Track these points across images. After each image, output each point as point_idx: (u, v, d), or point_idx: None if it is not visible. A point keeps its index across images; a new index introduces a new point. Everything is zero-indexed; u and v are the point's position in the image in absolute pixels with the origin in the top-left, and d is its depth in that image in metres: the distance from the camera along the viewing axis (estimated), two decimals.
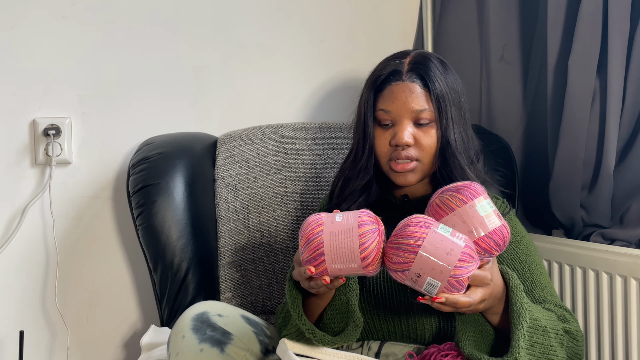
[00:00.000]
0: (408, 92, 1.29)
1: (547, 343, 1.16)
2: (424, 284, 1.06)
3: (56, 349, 1.76)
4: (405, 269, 1.06)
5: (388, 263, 1.09)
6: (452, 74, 1.35)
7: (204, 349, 1.16)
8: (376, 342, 1.32)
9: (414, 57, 1.33)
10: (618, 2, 1.45)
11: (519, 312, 1.12)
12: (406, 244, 1.07)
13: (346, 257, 1.08)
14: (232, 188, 1.63)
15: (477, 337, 1.14)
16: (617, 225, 1.55)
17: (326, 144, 1.70)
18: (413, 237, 1.07)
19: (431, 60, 1.33)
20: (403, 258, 1.07)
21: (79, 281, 1.77)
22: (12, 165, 1.73)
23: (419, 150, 1.30)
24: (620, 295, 1.45)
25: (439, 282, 1.05)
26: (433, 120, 1.29)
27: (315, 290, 1.14)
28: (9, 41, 1.71)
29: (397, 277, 1.09)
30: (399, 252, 1.07)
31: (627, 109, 1.49)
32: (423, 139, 1.29)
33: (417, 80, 1.29)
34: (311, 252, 1.09)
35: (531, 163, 1.77)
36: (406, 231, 1.08)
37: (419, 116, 1.29)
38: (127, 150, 1.78)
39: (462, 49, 1.90)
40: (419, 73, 1.30)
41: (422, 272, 1.05)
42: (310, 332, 1.16)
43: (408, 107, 1.28)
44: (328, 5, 1.94)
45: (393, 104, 1.30)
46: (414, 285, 1.08)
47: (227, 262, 1.59)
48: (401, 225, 1.10)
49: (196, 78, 1.84)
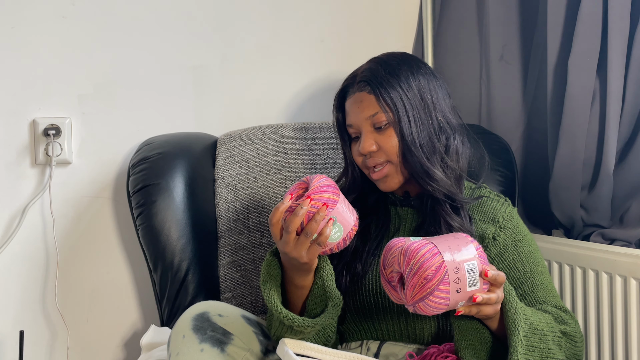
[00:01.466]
0: (358, 101, 1.32)
1: (545, 346, 1.15)
2: (466, 277, 1.05)
3: (56, 349, 1.76)
4: (445, 301, 1.05)
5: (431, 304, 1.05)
6: (409, 68, 1.32)
7: (204, 349, 1.16)
8: (375, 342, 1.33)
9: (364, 67, 1.35)
10: (618, 2, 1.45)
11: (514, 317, 1.12)
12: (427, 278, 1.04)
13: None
14: (232, 188, 1.63)
15: (475, 345, 1.14)
16: (617, 225, 1.55)
17: (326, 144, 1.70)
18: (429, 266, 1.04)
19: (380, 64, 1.33)
20: (439, 298, 1.04)
21: (79, 281, 1.77)
22: (12, 165, 1.73)
23: (384, 154, 1.30)
24: (620, 295, 1.45)
25: (473, 261, 1.05)
26: (389, 121, 1.29)
27: (285, 246, 1.15)
28: (9, 41, 1.71)
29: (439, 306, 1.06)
30: (431, 294, 1.04)
31: (627, 109, 1.49)
32: (384, 142, 1.30)
33: (364, 87, 1.31)
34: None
35: (531, 163, 1.77)
36: (421, 267, 1.04)
37: (374, 121, 1.30)
38: (127, 150, 1.78)
39: (462, 49, 1.90)
40: (364, 80, 1.32)
41: (458, 266, 1.04)
42: (288, 319, 1.17)
43: (362, 116, 1.31)
44: (328, 5, 1.94)
45: (351, 117, 1.33)
46: (460, 294, 1.06)
47: (227, 262, 1.59)
48: (411, 265, 1.06)
49: (196, 78, 1.84)
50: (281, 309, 1.17)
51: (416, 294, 1.04)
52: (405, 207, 1.38)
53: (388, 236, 1.36)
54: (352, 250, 1.33)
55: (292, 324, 1.17)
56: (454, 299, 1.04)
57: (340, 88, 1.38)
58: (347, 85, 1.36)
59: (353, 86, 1.34)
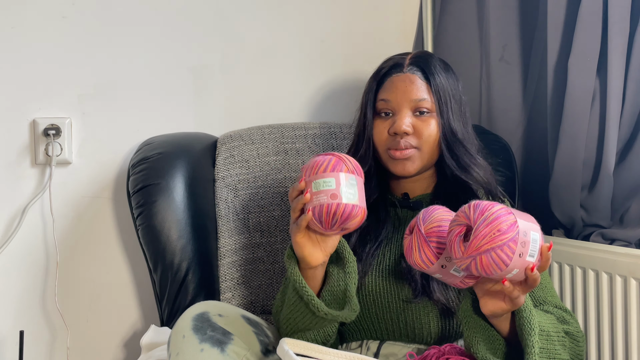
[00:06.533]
0: (408, 82, 1.33)
1: (552, 347, 1.15)
2: (530, 244, 1.02)
3: (56, 349, 1.76)
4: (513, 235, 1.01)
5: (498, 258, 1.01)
6: (453, 74, 1.39)
7: (204, 349, 1.16)
8: (375, 341, 1.33)
9: (417, 53, 1.39)
10: (618, 2, 1.45)
11: (529, 317, 1.10)
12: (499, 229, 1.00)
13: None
14: (232, 188, 1.63)
15: (486, 343, 1.13)
16: (617, 225, 1.55)
17: (326, 144, 1.70)
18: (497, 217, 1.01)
19: (433, 57, 1.38)
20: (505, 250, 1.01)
21: (79, 281, 1.77)
22: (12, 165, 1.73)
23: (417, 139, 1.32)
24: (620, 295, 1.45)
25: (537, 233, 1.03)
26: (433, 111, 1.32)
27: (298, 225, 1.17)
28: (9, 41, 1.71)
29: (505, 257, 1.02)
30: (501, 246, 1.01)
31: (627, 109, 1.49)
32: (422, 128, 1.31)
33: (417, 72, 1.34)
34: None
35: (531, 163, 1.77)
36: (492, 217, 1.01)
37: (419, 105, 1.31)
38: (127, 150, 1.78)
39: (462, 49, 1.90)
40: (419, 66, 1.34)
41: (526, 231, 1.01)
42: (308, 295, 1.18)
43: (407, 96, 1.31)
44: (328, 5, 1.94)
45: (393, 94, 1.33)
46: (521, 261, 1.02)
47: (227, 262, 1.59)
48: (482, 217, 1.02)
49: (196, 78, 1.84)
50: (304, 282, 1.19)
51: (484, 244, 1.00)
52: (404, 208, 1.38)
53: (387, 237, 1.36)
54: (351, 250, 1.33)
55: (310, 300, 1.18)
56: (514, 263, 1.01)
57: (382, 65, 1.38)
58: (394, 63, 1.36)
59: (402, 67, 1.35)
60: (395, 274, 1.31)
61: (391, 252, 1.34)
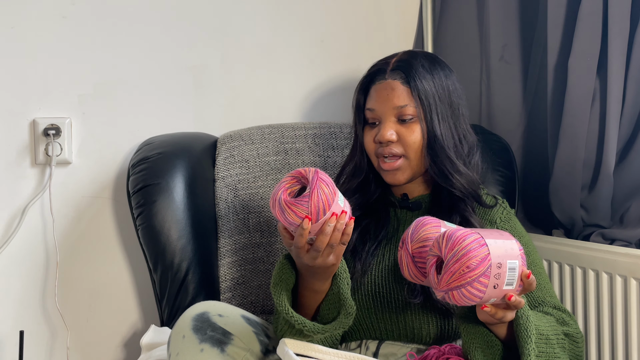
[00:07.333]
0: (389, 89, 1.31)
1: (551, 350, 1.15)
2: (506, 274, 1.01)
3: (56, 349, 1.76)
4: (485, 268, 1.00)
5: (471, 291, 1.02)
6: (442, 70, 1.35)
7: (204, 349, 1.16)
8: (374, 341, 1.32)
9: (400, 56, 1.36)
10: (618, 2, 1.45)
11: (526, 324, 1.10)
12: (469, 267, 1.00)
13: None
14: (232, 188, 1.63)
15: (484, 348, 1.13)
16: (617, 225, 1.55)
17: (326, 144, 1.70)
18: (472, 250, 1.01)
19: (416, 58, 1.34)
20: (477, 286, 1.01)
21: (79, 281, 1.77)
22: (12, 165, 1.73)
23: (402, 147, 1.31)
24: (620, 295, 1.45)
25: (516, 260, 1.02)
26: (416, 116, 1.30)
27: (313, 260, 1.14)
28: (9, 41, 1.71)
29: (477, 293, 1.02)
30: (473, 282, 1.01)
31: (627, 109, 1.49)
32: (406, 135, 1.30)
33: (398, 77, 1.32)
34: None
35: (531, 163, 1.77)
36: (463, 252, 1.01)
37: (401, 112, 1.30)
38: (127, 150, 1.78)
39: (462, 49, 1.90)
40: (400, 70, 1.32)
41: (501, 262, 1.00)
42: (299, 323, 1.16)
43: (389, 104, 1.31)
44: (328, 5, 1.94)
45: (376, 103, 1.33)
46: (497, 285, 1.02)
47: (227, 262, 1.59)
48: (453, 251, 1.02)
49: (196, 78, 1.84)
50: (292, 312, 1.16)
51: (453, 281, 1.00)
52: (403, 209, 1.38)
53: (387, 237, 1.36)
54: (351, 250, 1.33)
55: (302, 328, 1.16)
56: (489, 294, 1.01)
57: (367, 72, 1.37)
58: (377, 70, 1.35)
59: (385, 72, 1.33)
60: (394, 274, 1.31)
61: (390, 252, 1.34)
